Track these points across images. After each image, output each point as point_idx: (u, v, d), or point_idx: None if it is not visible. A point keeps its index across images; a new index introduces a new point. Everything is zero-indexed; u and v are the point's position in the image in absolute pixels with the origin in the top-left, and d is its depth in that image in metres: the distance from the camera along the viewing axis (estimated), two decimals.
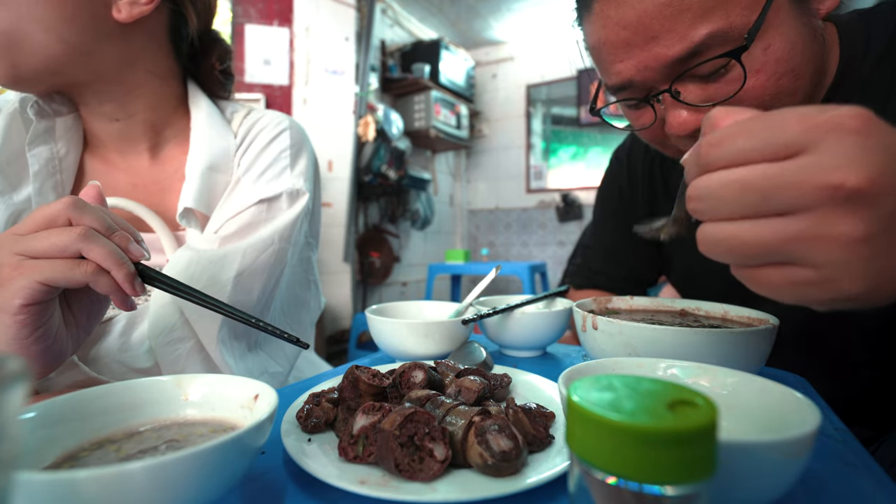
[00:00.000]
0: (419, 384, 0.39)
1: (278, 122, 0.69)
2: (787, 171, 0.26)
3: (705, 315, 0.56)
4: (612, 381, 0.20)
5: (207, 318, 0.55)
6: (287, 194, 0.62)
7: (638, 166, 0.79)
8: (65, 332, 0.41)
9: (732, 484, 0.24)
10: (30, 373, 0.43)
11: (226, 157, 0.64)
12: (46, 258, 0.36)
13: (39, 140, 0.59)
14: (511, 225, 4.14)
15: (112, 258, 0.37)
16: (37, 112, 0.58)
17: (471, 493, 0.27)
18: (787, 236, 0.26)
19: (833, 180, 0.25)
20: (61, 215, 0.37)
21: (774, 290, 0.29)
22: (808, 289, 0.27)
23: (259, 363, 0.62)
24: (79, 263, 0.37)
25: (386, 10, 3.36)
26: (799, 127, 0.26)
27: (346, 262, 2.84)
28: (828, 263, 0.26)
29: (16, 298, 0.35)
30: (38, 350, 0.38)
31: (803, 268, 0.27)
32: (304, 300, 0.73)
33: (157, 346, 0.53)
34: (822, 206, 0.25)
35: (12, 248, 0.36)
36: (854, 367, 0.60)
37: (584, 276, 0.89)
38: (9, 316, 0.36)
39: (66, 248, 0.36)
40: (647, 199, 0.79)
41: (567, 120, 3.98)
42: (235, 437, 0.25)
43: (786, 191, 0.26)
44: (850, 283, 0.26)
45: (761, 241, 0.27)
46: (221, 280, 0.56)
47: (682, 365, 0.36)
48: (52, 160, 0.59)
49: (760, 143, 0.27)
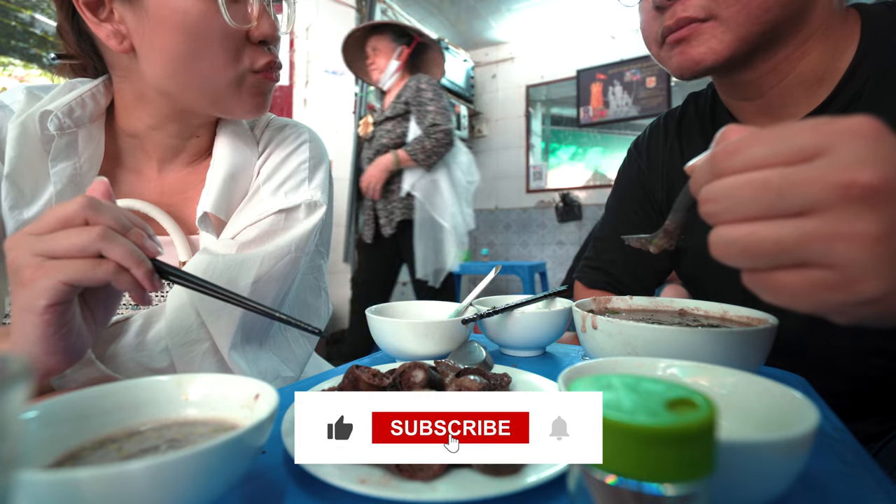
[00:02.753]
0: (419, 384, 0.39)
1: (299, 133, 0.70)
2: (801, 171, 0.26)
3: (704, 315, 0.56)
4: (612, 380, 0.20)
5: (223, 321, 0.56)
6: (305, 205, 0.64)
7: (658, 152, 0.79)
8: (84, 327, 0.42)
9: (731, 483, 0.24)
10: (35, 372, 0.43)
11: (247, 165, 0.65)
12: (68, 258, 0.37)
13: (62, 156, 0.56)
14: (511, 225, 4.14)
15: (131, 257, 0.38)
16: (57, 127, 0.55)
17: (471, 492, 0.27)
18: (804, 234, 0.26)
19: (846, 178, 0.25)
20: (78, 215, 0.37)
21: (789, 294, 0.28)
22: (824, 292, 0.27)
23: (272, 367, 0.62)
24: (99, 263, 0.37)
25: (386, 10, 3.37)
26: (813, 133, 0.27)
27: (346, 262, 2.84)
28: (844, 262, 0.26)
29: (40, 299, 0.36)
30: (62, 346, 0.39)
31: (820, 269, 0.26)
32: (315, 307, 0.74)
33: (172, 346, 0.54)
34: (837, 205, 0.25)
35: (32, 249, 0.37)
36: (863, 356, 0.59)
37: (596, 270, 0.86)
38: (35, 316, 0.36)
39: (87, 248, 0.37)
40: (665, 185, 0.78)
41: (567, 120, 3.98)
42: (236, 436, 0.25)
43: (801, 188, 0.26)
44: (868, 284, 0.26)
45: (777, 240, 0.27)
46: (239, 285, 0.57)
47: (682, 364, 0.36)
48: (76, 176, 0.57)
49: (776, 149, 0.27)
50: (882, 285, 0.26)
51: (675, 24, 0.56)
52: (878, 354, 0.59)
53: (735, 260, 0.29)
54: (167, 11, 0.51)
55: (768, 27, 0.53)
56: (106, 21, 0.54)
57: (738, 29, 0.53)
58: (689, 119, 0.76)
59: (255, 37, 0.56)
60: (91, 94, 0.59)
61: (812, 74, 0.58)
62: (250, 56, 0.57)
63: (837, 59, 0.57)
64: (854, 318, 0.29)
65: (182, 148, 0.65)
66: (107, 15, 0.54)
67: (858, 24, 0.58)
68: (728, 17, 0.53)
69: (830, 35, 0.57)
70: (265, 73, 0.59)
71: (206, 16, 0.52)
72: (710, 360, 0.37)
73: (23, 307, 0.37)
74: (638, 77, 3.61)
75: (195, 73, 0.55)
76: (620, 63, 3.66)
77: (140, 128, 0.62)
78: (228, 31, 0.53)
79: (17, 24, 1.88)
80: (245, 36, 0.56)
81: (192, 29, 0.52)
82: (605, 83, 3.73)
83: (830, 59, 0.57)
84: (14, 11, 1.87)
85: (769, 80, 0.59)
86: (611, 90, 3.72)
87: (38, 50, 1.94)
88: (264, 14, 0.56)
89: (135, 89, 0.59)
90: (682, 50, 0.57)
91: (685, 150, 0.75)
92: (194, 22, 0.52)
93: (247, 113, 0.60)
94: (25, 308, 0.37)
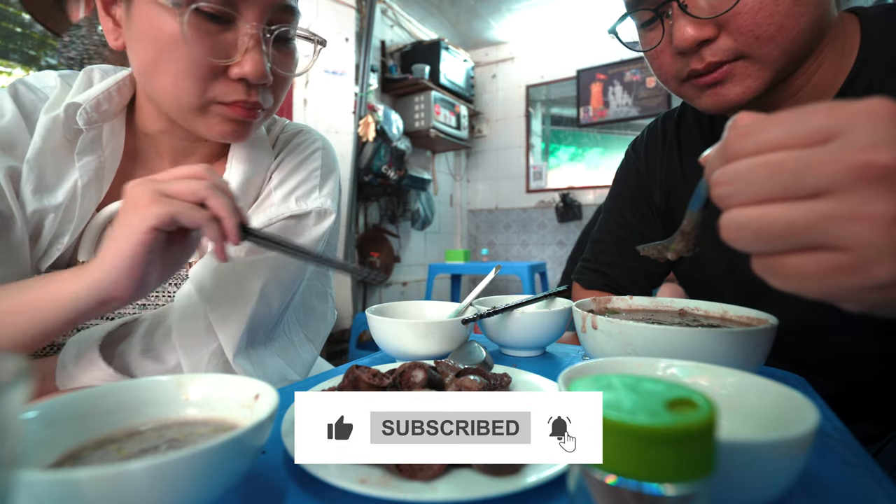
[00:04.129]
0: (419, 384, 0.39)
1: (312, 140, 0.71)
2: (817, 153, 0.26)
3: (704, 315, 0.56)
4: (612, 380, 0.20)
5: (231, 324, 0.56)
6: (315, 213, 0.64)
7: (656, 154, 0.79)
8: (158, 270, 0.46)
9: (731, 483, 0.24)
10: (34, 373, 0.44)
11: (262, 170, 0.65)
12: (179, 199, 0.44)
13: (87, 150, 0.57)
14: (511, 225, 4.14)
15: (227, 208, 0.45)
16: (86, 121, 0.56)
17: (471, 492, 0.27)
18: (818, 216, 0.25)
19: (862, 159, 0.24)
20: (197, 172, 0.46)
21: (801, 279, 0.27)
22: (837, 276, 0.26)
23: (278, 370, 0.62)
24: (201, 209, 0.45)
25: (386, 10, 3.36)
26: (828, 115, 0.26)
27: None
28: (859, 244, 0.25)
29: (148, 221, 0.42)
30: (140, 273, 0.44)
31: (833, 252, 0.26)
32: (322, 311, 0.74)
33: (180, 348, 0.54)
34: (853, 186, 0.25)
35: (155, 187, 0.44)
36: (864, 360, 0.59)
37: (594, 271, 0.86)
38: (137, 234, 0.42)
39: (196, 193, 0.44)
40: (663, 186, 0.78)
41: (567, 120, 3.98)
42: (236, 436, 0.25)
43: (816, 169, 0.25)
44: (883, 267, 0.25)
45: (790, 222, 0.26)
46: (248, 288, 0.57)
47: (682, 364, 0.36)
48: (100, 170, 0.58)
49: (791, 131, 0.27)
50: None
51: (704, 68, 0.54)
52: (877, 356, 0.59)
53: (746, 243, 0.29)
54: (145, 24, 0.51)
55: (799, 54, 0.53)
56: (110, 15, 0.55)
57: (772, 64, 0.53)
58: (687, 121, 0.76)
59: (233, 74, 0.53)
60: (118, 89, 0.59)
61: (823, 85, 0.58)
62: (222, 88, 0.54)
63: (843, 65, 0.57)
64: (865, 305, 0.28)
65: (192, 150, 0.65)
66: (113, 9, 0.55)
67: (858, 28, 0.58)
68: (761, 55, 0.52)
69: (838, 42, 0.57)
70: (233, 107, 0.55)
71: (176, 40, 0.50)
72: (710, 360, 0.37)
73: (128, 226, 0.43)
74: (638, 77, 3.61)
75: (163, 88, 0.53)
76: (620, 63, 3.66)
77: (151, 128, 0.62)
78: (197, 60, 0.51)
79: (14, 26, 1.88)
80: (222, 69, 0.53)
81: (161, 48, 0.51)
82: (605, 83, 3.73)
83: (839, 65, 0.57)
84: (14, 14, 1.87)
85: (784, 96, 0.58)
86: (611, 90, 3.71)
87: (37, 52, 1.94)
88: (253, 52, 0.52)
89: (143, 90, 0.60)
90: (717, 91, 0.56)
91: (683, 152, 0.75)
92: (165, 42, 0.50)
93: (217, 136, 0.57)
94: (131, 227, 0.42)
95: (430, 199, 3.56)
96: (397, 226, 3.42)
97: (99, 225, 0.59)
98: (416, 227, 3.51)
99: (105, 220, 0.60)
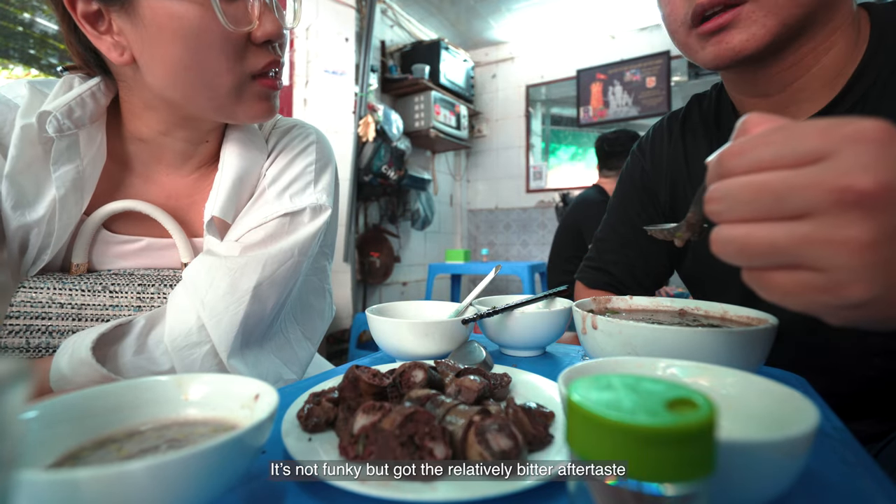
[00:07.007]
0: (419, 384, 0.39)
1: (306, 134, 0.70)
2: (801, 175, 0.26)
3: (704, 315, 0.56)
4: (612, 380, 0.20)
5: (224, 324, 0.55)
6: (310, 209, 0.63)
7: (662, 153, 0.79)
8: None
9: (731, 483, 0.24)
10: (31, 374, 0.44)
11: (255, 167, 0.65)
12: None
13: (63, 159, 0.54)
14: (511, 225, 4.14)
15: None
16: (56, 129, 0.53)
17: (471, 492, 0.27)
18: (796, 238, 0.27)
19: (842, 183, 0.25)
20: None
21: (782, 294, 0.29)
22: (814, 294, 0.27)
23: (273, 370, 0.62)
24: None
25: (386, 10, 3.36)
26: (819, 137, 0.27)
27: (346, 262, 2.84)
28: (834, 267, 0.26)
29: None
30: None
31: (811, 271, 0.27)
32: (320, 308, 0.74)
33: (173, 349, 0.54)
34: (832, 210, 0.26)
35: None
36: (864, 357, 0.59)
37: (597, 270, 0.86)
38: None
39: None
40: (669, 186, 0.77)
41: (566, 120, 3.98)
42: (236, 436, 0.25)
43: (798, 193, 0.26)
44: (855, 289, 0.26)
45: (771, 242, 0.27)
46: (242, 288, 0.56)
47: (682, 364, 0.36)
48: (78, 180, 0.56)
49: (780, 152, 0.28)
50: (868, 291, 0.26)
51: (709, 4, 0.54)
52: (879, 355, 0.59)
53: (732, 258, 0.30)
54: (164, 20, 0.50)
55: (808, 10, 0.52)
56: (105, 33, 0.53)
57: (780, 11, 0.52)
58: (693, 120, 0.76)
59: (257, 38, 0.55)
60: (91, 94, 0.57)
61: (833, 69, 0.57)
62: (253, 58, 0.56)
63: (853, 56, 0.57)
64: (843, 320, 0.29)
65: (192, 153, 0.65)
66: (106, 27, 0.53)
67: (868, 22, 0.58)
68: None
69: (852, 30, 0.57)
70: (266, 80, 0.57)
71: (203, 21, 0.51)
72: (710, 360, 0.37)
73: None
74: (638, 77, 3.61)
75: (197, 81, 0.54)
76: (620, 63, 3.66)
77: (149, 134, 0.61)
78: (227, 34, 0.52)
79: (14, 26, 1.88)
80: (247, 37, 0.54)
81: (189, 36, 0.51)
82: (605, 83, 3.73)
83: (851, 53, 0.57)
84: (14, 13, 1.87)
85: (793, 73, 0.58)
86: (611, 90, 3.71)
87: (37, 51, 1.94)
88: (266, 12, 0.54)
89: (142, 98, 0.59)
90: (721, 39, 0.55)
91: (689, 152, 0.74)
92: (191, 28, 0.51)
93: (254, 118, 0.59)
94: None
95: (430, 199, 3.56)
96: (397, 226, 3.42)
97: (92, 227, 0.59)
98: (415, 227, 3.51)
99: (98, 223, 0.59)
